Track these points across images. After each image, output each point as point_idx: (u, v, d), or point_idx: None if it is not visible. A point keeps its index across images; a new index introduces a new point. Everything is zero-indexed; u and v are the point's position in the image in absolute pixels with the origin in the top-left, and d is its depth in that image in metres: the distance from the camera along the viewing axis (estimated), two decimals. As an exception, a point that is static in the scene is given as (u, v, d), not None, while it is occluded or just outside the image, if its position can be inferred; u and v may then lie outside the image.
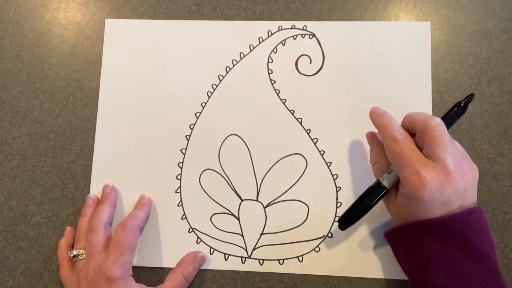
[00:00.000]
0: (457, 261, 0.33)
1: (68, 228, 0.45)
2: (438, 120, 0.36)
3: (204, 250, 0.45)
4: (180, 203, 0.46)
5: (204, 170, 0.46)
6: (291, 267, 0.44)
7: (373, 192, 0.39)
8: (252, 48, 0.48)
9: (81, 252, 0.42)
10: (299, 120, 0.46)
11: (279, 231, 0.45)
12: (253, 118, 0.47)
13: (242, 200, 0.46)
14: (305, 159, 0.46)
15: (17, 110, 0.48)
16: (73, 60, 0.49)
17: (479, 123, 0.45)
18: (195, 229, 0.45)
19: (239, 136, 0.47)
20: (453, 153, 0.35)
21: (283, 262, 0.44)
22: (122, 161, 0.47)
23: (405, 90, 0.46)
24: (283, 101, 0.47)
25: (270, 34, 0.48)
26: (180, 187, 0.46)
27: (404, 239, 0.37)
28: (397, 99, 0.46)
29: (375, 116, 0.39)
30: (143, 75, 0.48)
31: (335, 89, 0.46)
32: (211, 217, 0.45)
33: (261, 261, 0.44)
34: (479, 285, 0.33)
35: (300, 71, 0.47)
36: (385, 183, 0.38)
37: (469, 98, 0.38)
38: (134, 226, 0.42)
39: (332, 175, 0.45)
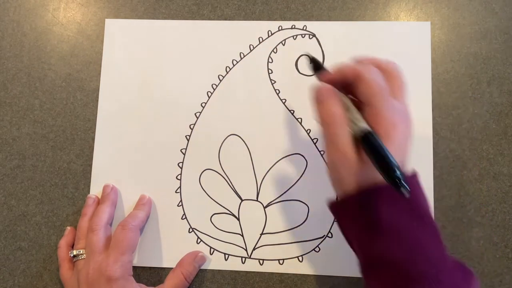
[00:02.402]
0: (407, 227, 0.31)
1: (68, 228, 0.45)
2: (374, 71, 0.32)
3: (204, 250, 0.45)
4: (180, 203, 0.46)
5: (204, 170, 0.46)
6: (291, 267, 0.44)
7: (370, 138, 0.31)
8: (252, 48, 0.48)
9: (81, 252, 0.42)
10: (299, 120, 0.46)
11: (279, 231, 0.45)
12: (253, 118, 0.47)
13: (242, 200, 0.46)
14: (305, 159, 0.46)
15: (17, 110, 0.48)
16: (73, 60, 0.49)
17: (479, 123, 0.45)
18: (195, 229, 0.45)
19: (239, 136, 0.47)
20: (389, 107, 0.32)
21: (283, 262, 0.44)
22: (122, 161, 0.47)
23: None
24: (283, 101, 0.47)
25: (270, 34, 0.48)
26: (180, 187, 0.46)
27: (351, 210, 0.33)
28: (397, 99, 0.46)
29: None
30: (143, 75, 0.48)
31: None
32: (211, 217, 0.45)
33: (261, 261, 0.44)
34: (432, 252, 0.31)
35: (300, 71, 0.47)
36: (362, 125, 0.32)
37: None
38: (134, 226, 0.42)
39: (332, 175, 0.45)
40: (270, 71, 0.47)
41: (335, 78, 0.34)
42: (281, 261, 0.44)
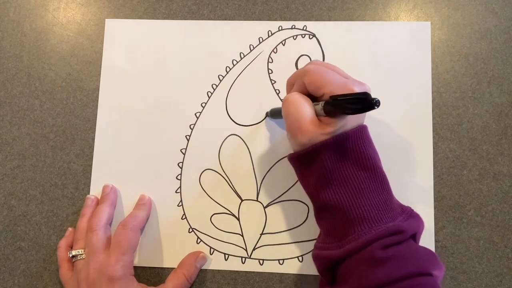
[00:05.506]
0: (354, 176, 0.35)
1: (69, 229, 0.45)
2: (309, 67, 0.37)
3: (204, 250, 0.45)
4: (180, 203, 0.46)
5: (204, 170, 0.46)
6: (291, 267, 0.44)
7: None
8: (252, 48, 0.48)
9: (80, 252, 0.42)
10: (299, 120, 0.46)
11: (279, 231, 0.45)
12: (253, 118, 0.47)
13: (242, 200, 0.46)
14: (305, 159, 0.46)
15: (17, 110, 0.48)
16: (73, 60, 0.49)
17: (479, 123, 0.45)
18: (195, 229, 0.45)
19: (239, 136, 0.47)
20: (334, 79, 0.36)
21: (283, 262, 0.44)
22: (122, 161, 0.47)
23: (405, 90, 0.46)
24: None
25: (270, 34, 0.48)
26: (180, 187, 0.46)
27: (306, 162, 0.37)
28: (397, 99, 0.46)
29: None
30: (143, 75, 0.48)
31: (335, 89, 0.46)
32: (211, 217, 0.45)
33: (261, 261, 0.44)
34: (374, 198, 0.34)
35: (300, 71, 0.47)
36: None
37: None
38: (134, 226, 0.42)
39: (332, 175, 0.45)
40: (270, 71, 0.47)
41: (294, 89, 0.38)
42: (281, 261, 0.44)
